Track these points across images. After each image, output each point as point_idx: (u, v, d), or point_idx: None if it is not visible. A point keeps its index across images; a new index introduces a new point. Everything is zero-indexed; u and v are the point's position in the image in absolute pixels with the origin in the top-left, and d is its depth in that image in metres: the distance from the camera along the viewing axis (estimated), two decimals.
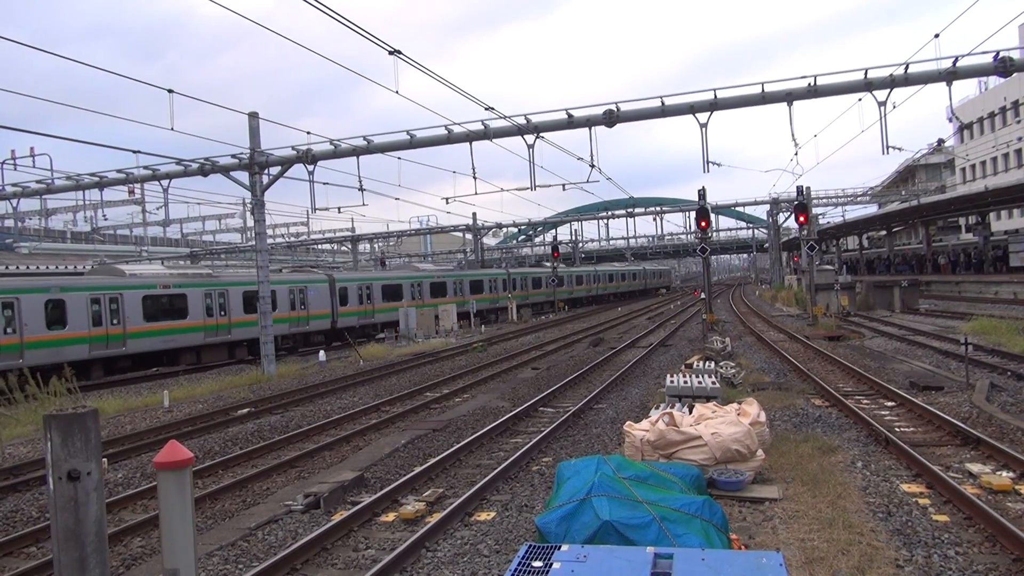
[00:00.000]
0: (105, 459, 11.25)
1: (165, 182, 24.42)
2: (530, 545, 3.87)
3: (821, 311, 31.81)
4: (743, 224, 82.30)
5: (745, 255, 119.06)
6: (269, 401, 17.55)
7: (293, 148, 22.84)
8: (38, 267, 43.00)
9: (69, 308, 22.37)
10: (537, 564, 3.58)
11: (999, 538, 6.55)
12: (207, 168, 23.54)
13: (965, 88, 60.07)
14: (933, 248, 51.07)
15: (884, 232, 57.15)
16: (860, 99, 18.51)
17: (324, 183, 27.57)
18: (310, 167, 23.04)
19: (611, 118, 19.50)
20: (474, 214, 56.38)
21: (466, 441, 11.63)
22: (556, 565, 3.55)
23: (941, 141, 55.57)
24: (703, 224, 26.52)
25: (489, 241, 76.11)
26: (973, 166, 59.27)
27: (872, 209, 66.28)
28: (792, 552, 6.32)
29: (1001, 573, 6.00)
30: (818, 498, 7.80)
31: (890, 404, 13.21)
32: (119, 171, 24.39)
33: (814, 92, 18.25)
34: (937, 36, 16.93)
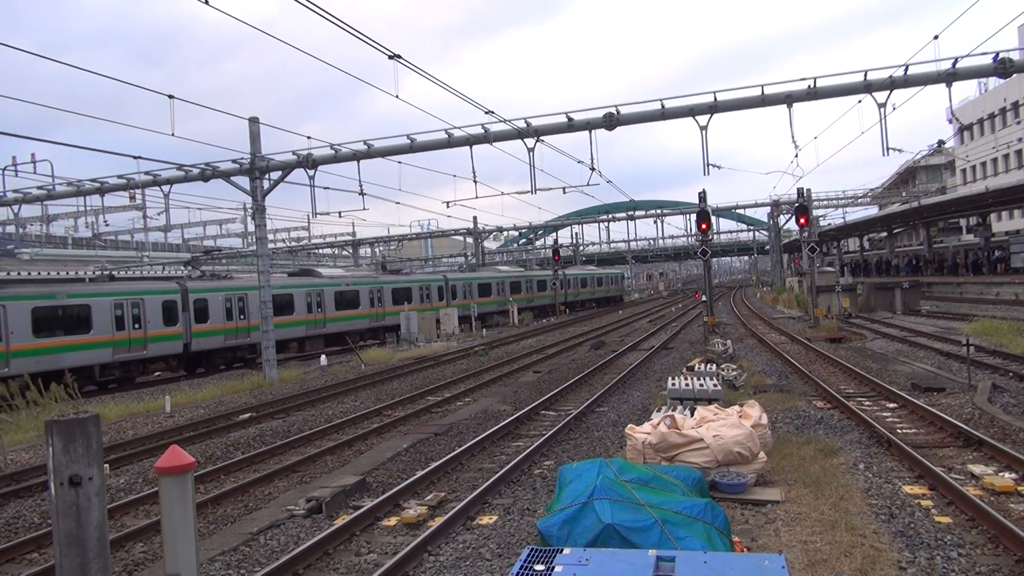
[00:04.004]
0: (106, 465, 11.26)
1: (166, 187, 24.45)
2: (532, 548, 3.86)
3: (822, 313, 31.78)
4: (744, 226, 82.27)
5: (746, 257, 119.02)
6: (270, 406, 17.55)
7: (294, 153, 22.88)
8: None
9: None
10: (539, 568, 3.58)
11: (1002, 539, 6.54)
12: (208, 173, 23.57)
13: (965, 89, 60.18)
14: (950, 249, 51.02)
15: (885, 234, 57.17)
16: (860, 101, 18.53)
17: (325, 188, 27.58)
18: (311, 172, 23.06)
19: (611, 121, 19.51)
20: (475, 218, 56.51)
21: (468, 445, 11.62)
22: (558, 568, 3.55)
23: (941, 142, 55.58)
24: (704, 226, 26.54)
25: (490, 245, 76.22)
26: (973, 167, 59.30)
27: (873, 211, 66.34)
28: (794, 554, 6.32)
29: (1004, 575, 5.99)
30: (820, 500, 7.79)
31: (892, 406, 13.20)
32: (120, 177, 24.43)
33: (814, 94, 18.25)
34: (936, 37, 16.96)
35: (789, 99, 18.46)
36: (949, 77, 17.13)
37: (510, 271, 55.25)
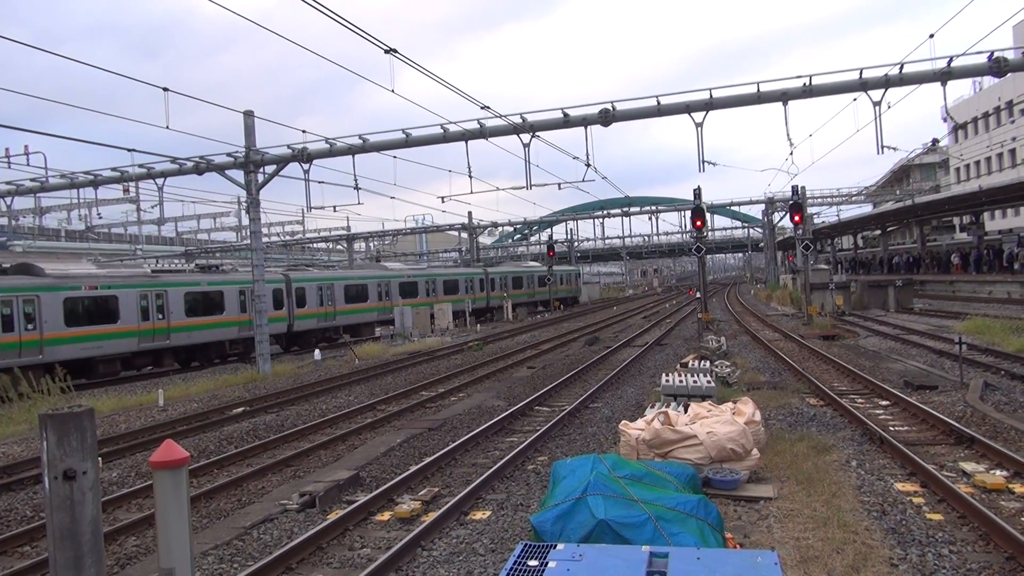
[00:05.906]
0: (99, 458, 11.22)
1: (160, 180, 24.36)
2: (526, 544, 3.87)
3: (816, 310, 31.87)
4: (738, 223, 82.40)
5: (740, 254, 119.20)
6: (264, 400, 17.52)
7: (289, 147, 22.82)
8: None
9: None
10: (533, 563, 3.58)
11: (993, 537, 6.58)
12: (202, 166, 23.47)
13: (960, 88, 60.42)
14: (944, 247, 51.17)
15: (879, 232, 57.33)
16: (855, 99, 18.57)
17: (320, 182, 27.77)
18: (305, 166, 23.00)
19: (607, 117, 19.50)
20: (469, 213, 56.32)
21: (462, 440, 11.62)
22: (552, 564, 3.55)
23: (935, 141, 55.66)
24: (698, 223, 26.56)
25: (485, 240, 76.16)
26: (967, 166, 59.51)
27: (867, 209, 66.51)
28: (787, 551, 6.34)
29: (995, 572, 6.02)
30: (813, 497, 7.82)
31: (885, 403, 13.25)
32: (114, 169, 24.32)
33: (809, 92, 18.28)
34: (932, 36, 16.96)
35: (785, 96, 18.48)
36: (944, 76, 17.17)
37: (401, 269, 44.67)
